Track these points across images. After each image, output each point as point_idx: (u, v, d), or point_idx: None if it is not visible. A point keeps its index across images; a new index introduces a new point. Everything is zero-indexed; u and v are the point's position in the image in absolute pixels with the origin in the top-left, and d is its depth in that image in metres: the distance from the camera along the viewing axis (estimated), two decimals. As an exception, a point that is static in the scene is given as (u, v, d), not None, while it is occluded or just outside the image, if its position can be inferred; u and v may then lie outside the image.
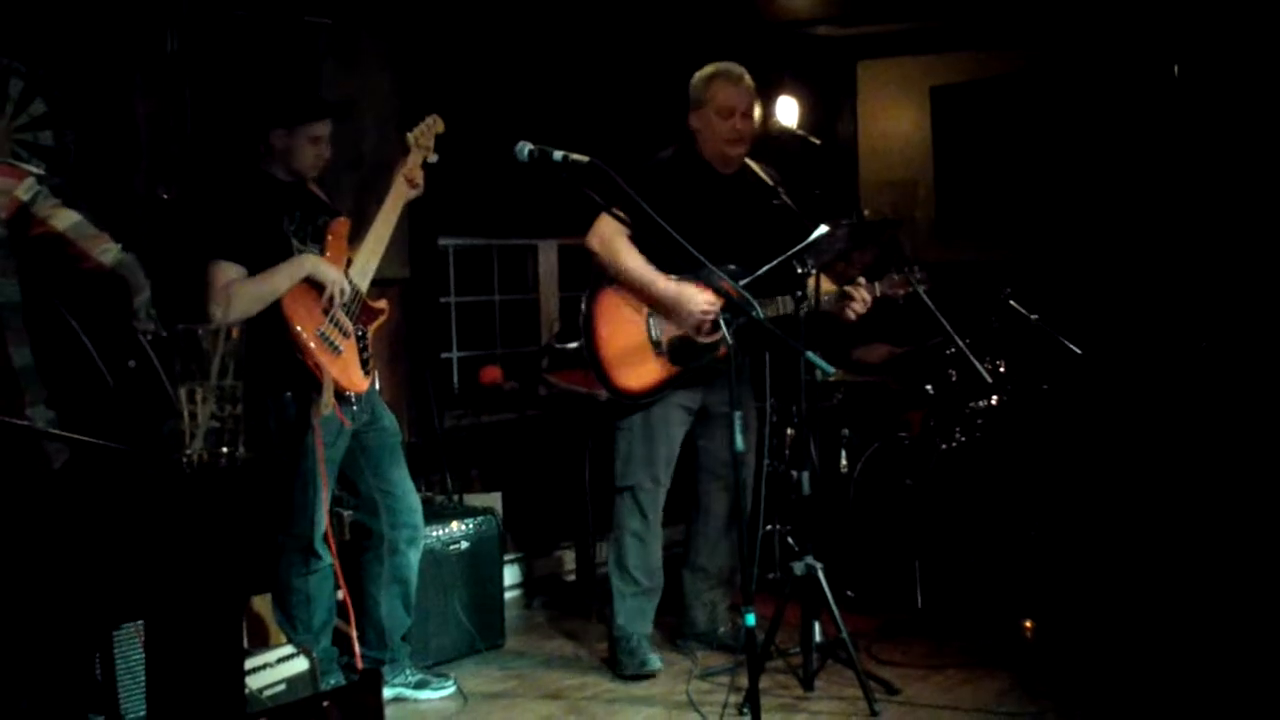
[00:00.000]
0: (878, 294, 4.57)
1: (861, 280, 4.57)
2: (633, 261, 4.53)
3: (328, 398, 3.97)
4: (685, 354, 4.58)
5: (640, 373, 4.60)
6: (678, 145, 4.70)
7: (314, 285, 4.01)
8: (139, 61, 4.50)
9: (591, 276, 4.68)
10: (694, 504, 4.90)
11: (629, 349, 4.60)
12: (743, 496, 4.18)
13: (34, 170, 3.35)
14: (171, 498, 2.87)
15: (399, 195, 4.23)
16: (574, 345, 5.46)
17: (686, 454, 4.80)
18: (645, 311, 4.60)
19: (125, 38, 4.45)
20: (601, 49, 6.09)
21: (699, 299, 4.47)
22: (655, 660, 4.71)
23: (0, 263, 3.27)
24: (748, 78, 4.64)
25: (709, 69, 4.67)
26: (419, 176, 4.26)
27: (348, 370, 4.06)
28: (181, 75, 4.57)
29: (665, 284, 4.52)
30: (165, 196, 4.48)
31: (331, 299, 4.02)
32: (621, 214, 4.10)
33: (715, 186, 4.65)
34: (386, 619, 4.37)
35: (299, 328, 3.94)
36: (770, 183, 4.64)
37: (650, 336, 4.60)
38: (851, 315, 4.57)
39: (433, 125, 4.33)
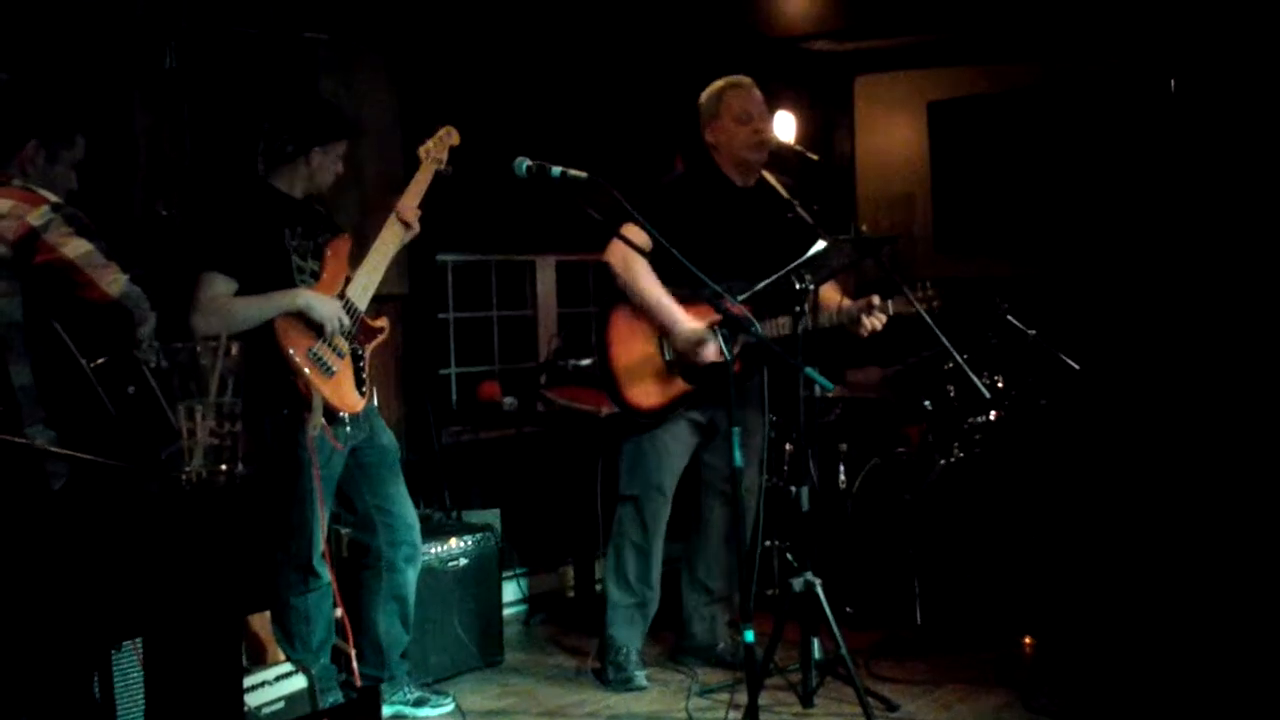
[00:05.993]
0: (891, 312, 4.57)
1: (876, 298, 4.57)
2: (648, 285, 4.54)
3: (316, 419, 3.94)
4: (698, 371, 4.59)
5: (652, 390, 4.62)
6: (689, 162, 4.74)
7: (309, 320, 3.98)
8: (137, 78, 4.50)
9: (607, 291, 4.69)
10: (696, 519, 4.90)
11: (642, 365, 4.62)
12: (743, 513, 4.18)
13: (51, 198, 3.36)
14: (170, 515, 2.86)
15: (395, 232, 4.21)
16: (585, 362, 5.54)
17: (692, 469, 4.80)
18: (658, 330, 4.62)
19: (124, 54, 4.45)
20: (600, 64, 6.10)
21: (707, 349, 4.48)
22: (641, 678, 4.71)
23: (3, 283, 3.27)
24: (756, 87, 4.71)
25: (717, 83, 4.73)
26: (413, 215, 4.21)
27: (340, 390, 4.04)
28: (180, 91, 4.57)
29: (674, 314, 4.54)
30: (164, 213, 4.48)
31: (326, 333, 4.01)
32: (637, 232, 4.11)
33: (733, 200, 4.69)
34: (385, 637, 4.36)
35: (290, 349, 3.91)
36: (786, 194, 4.66)
37: (664, 354, 4.62)
38: (863, 334, 4.58)
39: (446, 137, 4.32)
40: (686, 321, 4.54)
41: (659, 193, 4.62)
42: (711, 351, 4.49)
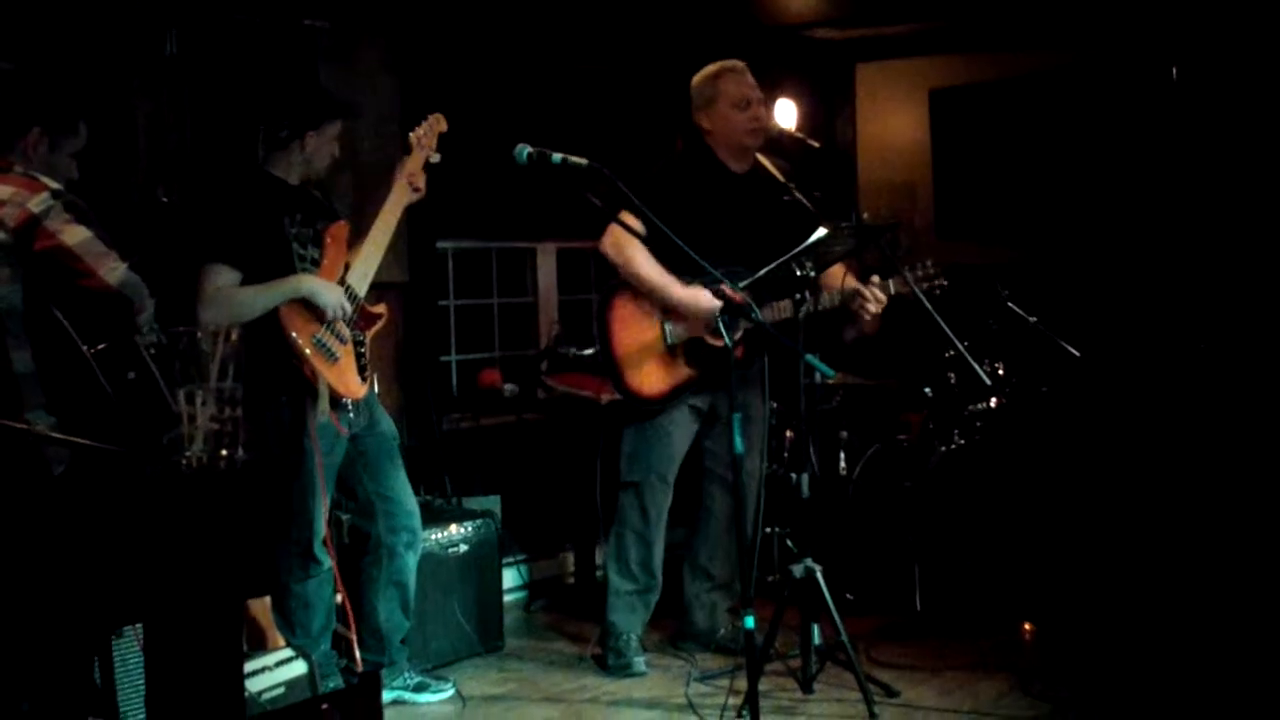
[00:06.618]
0: (892, 292, 4.56)
1: (875, 278, 4.57)
2: (647, 267, 4.55)
3: (323, 405, 3.96)
4: (700, 356, 4.59)
5: (655, 376, 4.63)
6: (684, 148, 4.73)
7: (312, 306, 4.00)
8: (138, 64, 4.50)
9: (606, 280, 4.71)
10: (698, 506, 4.91)
11: (644, 352, 4.63)
12: (744, 500, 4.18)
13: (52, 185, 3.36)
14: (170, 500, 2.86)
15: (399, 198, 4.21)
16: (587, 352, 5.50)
17: (693, 455, 4.81)
18: (660, 315, 4.62)
19: (124, 40, 4.45)
20: (601, 52, 6.10)
21: (713, 302, 4.46)
22: (640, 664, 4.72)
23: (3, 270, 3.27)
24: (749, 71, 4.69)
25: (711, 67, 4.72)
26: (421, 179, 4.24)
27: (344, 376, 4.05)
28: (180, 78, 4.57)
29: (679, 290, 4.54)
30: (165, 200, 4.48)
31: (328, 317, 4.01)
32: (633, 219, 4.12)
33: (728, 185, 4.68)
34: (385, 623, 4.37)
35: (295, 334, 3.93)
36: (782, 179, 4.66)
37: (665, 340, 4.62)
38: (867, 315, 4.56)
39: (435, 124, 4.31)
40: (691, 293, 4.50)
41: (653, 179, 4.61)
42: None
